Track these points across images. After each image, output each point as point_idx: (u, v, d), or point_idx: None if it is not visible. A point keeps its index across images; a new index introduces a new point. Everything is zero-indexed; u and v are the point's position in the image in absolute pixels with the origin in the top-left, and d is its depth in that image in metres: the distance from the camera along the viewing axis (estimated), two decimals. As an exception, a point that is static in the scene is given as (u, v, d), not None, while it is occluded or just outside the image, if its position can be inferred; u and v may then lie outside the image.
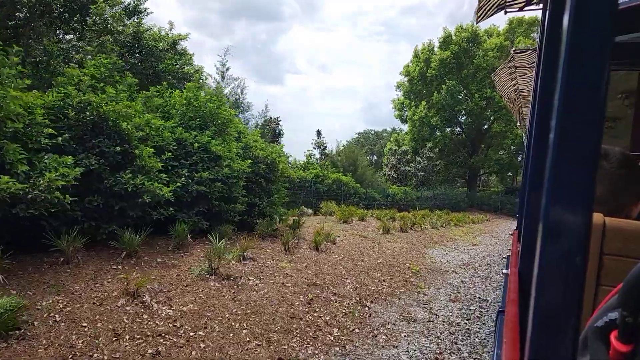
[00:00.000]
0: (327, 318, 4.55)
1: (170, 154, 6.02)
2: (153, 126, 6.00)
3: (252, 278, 5.29)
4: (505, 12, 3.08)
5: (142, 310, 3.90)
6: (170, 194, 5.48)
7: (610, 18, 0.47)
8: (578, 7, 0.48)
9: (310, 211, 12.49)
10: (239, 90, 17.78)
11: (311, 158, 20.61)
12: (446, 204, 25.91)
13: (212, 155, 6.66)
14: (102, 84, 5.71)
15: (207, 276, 4.98)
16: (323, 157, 20.96)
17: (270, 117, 20.27)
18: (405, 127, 32.87)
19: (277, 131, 19.81)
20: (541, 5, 2.46)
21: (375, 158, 46.72)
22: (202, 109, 7.33)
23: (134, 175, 5.18)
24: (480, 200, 29.24)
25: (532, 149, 1.43)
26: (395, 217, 14.64)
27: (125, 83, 6.54)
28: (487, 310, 5.42)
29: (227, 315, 4.14)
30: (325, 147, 22.03)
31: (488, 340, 4.36)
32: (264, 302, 4.64)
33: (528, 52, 3.52)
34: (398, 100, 33.73)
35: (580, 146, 0.50)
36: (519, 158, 33.00)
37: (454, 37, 28.23)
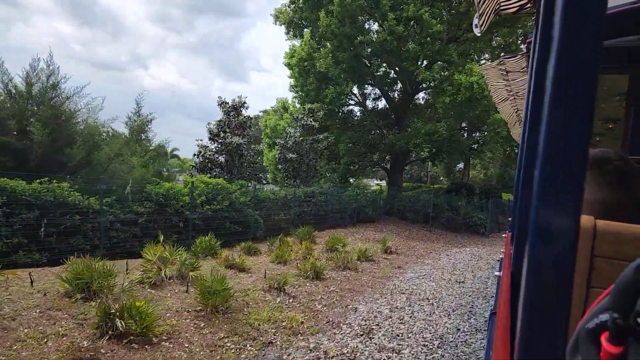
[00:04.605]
0: None
1: None
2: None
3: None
4: (500, 16, 3.10)
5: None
6: None
7: (600, 21, 0.47)
8: (568, 11, 0.48)
9: None
10: None
11: None
12: (332, 215, 13.76)
13: None
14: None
15: None
16: None
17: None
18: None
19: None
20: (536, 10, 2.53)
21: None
22: None
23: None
24: (403, 205, 17.42)
25: (524, 149, 1.43)
26: None
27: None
28: None
29: None
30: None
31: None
32: None
33: (517, 58, 3.67)
34: (291, 49, 21.21)
35: (568, 148, 0.49)
36: (476, 134, 21.42)
37: None
